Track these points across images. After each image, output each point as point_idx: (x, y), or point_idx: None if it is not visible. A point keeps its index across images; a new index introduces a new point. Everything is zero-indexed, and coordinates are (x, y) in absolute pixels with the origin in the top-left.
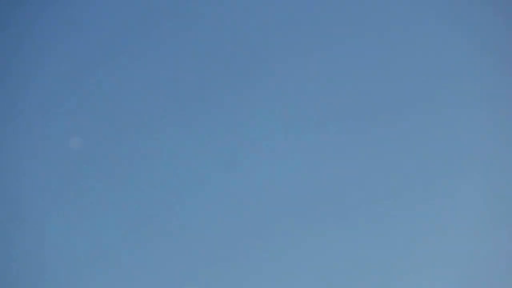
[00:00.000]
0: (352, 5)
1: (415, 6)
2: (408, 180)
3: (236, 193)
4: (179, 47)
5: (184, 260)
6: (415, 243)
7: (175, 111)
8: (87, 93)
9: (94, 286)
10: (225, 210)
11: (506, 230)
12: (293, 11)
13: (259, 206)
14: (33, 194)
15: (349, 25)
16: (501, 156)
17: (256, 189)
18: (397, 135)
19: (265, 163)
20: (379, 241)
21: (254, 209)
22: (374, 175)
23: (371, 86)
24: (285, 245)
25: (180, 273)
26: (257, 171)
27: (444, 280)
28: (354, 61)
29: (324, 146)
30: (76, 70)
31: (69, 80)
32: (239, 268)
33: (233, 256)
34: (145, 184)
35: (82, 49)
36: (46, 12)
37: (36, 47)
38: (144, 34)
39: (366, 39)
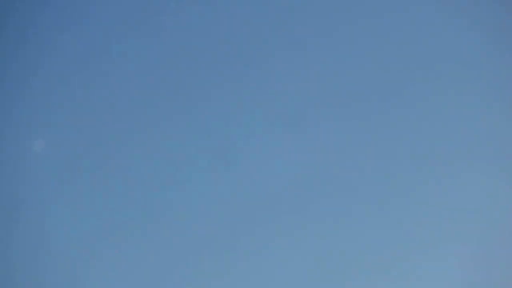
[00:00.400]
0: None
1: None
2: (406, 174)
3: (233, 187)
4: (175, 43)
5: (180, 255)
6: (413, 240)
7: (171, 106)
8: (83, 89)
9: (90, 281)
10: (223, 205)
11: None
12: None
13: (257, 201)
14: (30, 189)
15: (346, 14)
16: (504, 147)
17: (252, 185)
18: (396, 128)
19: (262, 159)
20: (377, 238)
21: (252, 204)
22: (373, 170)
23: (369, 77)
24: (282, 241)
25: (175, 268)
26: (254, 166)
27: (443, 274)
28: (351, 52)
29: (321, 142)
30: (73, 67)
31: (65, 76)
32: (236, 263)
33: (231, 251)
34: (141, 180)
35: (79, 47)
36: (40, 10)
37: (31, 46)
38: (139, 31)
39: (364, 29)
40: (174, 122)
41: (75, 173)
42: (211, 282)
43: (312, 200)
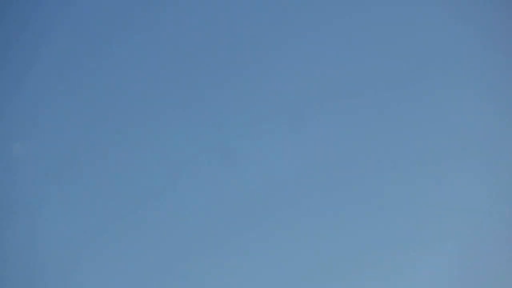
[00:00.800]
0: None
1: None
2: (404, 171)
3: (231, 184)
4: (172, 40)
5: (177, 252)
6: (409, 238)
7: (168, 103)
8: (77, 88)
9: (85, 281)
10: (221, 202)
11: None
12: None
13: (255, 198)
14: (22, 190)
15: (344, 10)
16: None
17: (251, 181)
18: (394, 125)
19: (260, 155)
20: (375, 234)
21: (250, 201)
22: (371, 167)
23: (367, 74)
24: (280, 238)
25: (173, 265)
26: (252, 163)
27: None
28: (348, 49)
29: (319, 139)
30: (65, 64)
31: (56, 74)
32: (234, 259)
33: (229, 248)
34: (136, 178)
35: (71, 45)
36: (36, 6)
37: (22, 44)
38: (135, 28)
39: (363, 26)
40: (171, 118)
41: (71, 172)
42: (209, 279)
43: (310, 196)
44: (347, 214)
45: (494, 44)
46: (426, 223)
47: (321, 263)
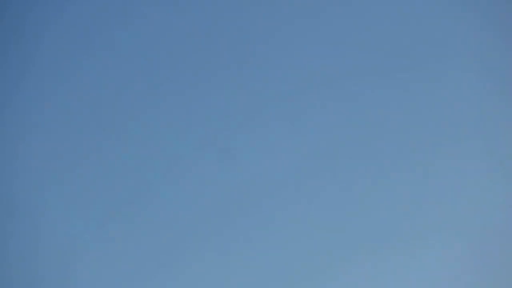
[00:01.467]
0: None
1: None
2: (404, 168)
3: (227, 180)
4: (167, 34)
5: (175, 250)
6: (409, 235)
7: (166, 98)
8: (79, 85)
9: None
10: (218, 198)
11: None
12: None
13: (251, 194)
14: (23, 185)
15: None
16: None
17: (246, 177)
18: (394, 123)
19: (256, 150)
20: (375, 231)
21: (246, 197)
22: (370, 164)
23: (367, 70)
24: (277, 237)
25: (172, 263)
26: (248, 158)
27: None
28: (344, 46)
29: (316, 135)
30: (61, 59)
31: (61, 69)
32: (229, 256)
33: (225, 245)
34: (132, 174)
35: (75, 41)
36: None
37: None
38: (131, 26)
39: (360, 19)
40: (168, 116)
41: (69, 171)
42: (209, 276)
43: (308, 192)
44: (346, 210)
45: (492, 27)
46: (426, 217)
47: (321, 260)
